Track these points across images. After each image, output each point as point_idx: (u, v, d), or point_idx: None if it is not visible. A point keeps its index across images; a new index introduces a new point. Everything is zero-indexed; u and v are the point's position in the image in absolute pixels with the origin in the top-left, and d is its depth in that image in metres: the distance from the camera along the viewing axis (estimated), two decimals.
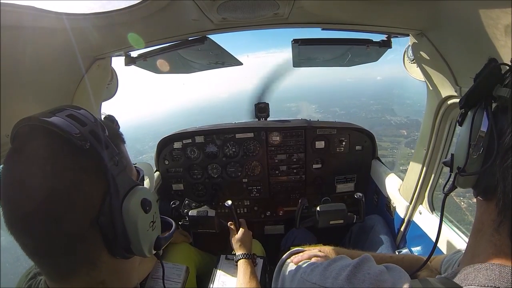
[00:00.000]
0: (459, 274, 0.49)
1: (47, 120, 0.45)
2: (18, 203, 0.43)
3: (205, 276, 1.61)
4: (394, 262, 1.00)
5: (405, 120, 28.94)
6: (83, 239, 0.46)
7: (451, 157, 0.57)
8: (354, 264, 0.55)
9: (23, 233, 0.45)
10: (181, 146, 2.05)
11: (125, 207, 0.49)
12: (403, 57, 1.47)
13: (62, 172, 0.44)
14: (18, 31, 0.72)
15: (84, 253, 0.48)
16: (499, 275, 0.43)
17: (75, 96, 1.14)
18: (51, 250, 0.45)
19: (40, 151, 0.45)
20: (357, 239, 1.78)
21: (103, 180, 0.47)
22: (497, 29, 0.71)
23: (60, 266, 0.47)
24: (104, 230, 0.47)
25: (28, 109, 0.91)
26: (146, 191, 0.54)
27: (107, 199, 0.47)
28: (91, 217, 0.46)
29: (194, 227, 1.60)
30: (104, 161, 0.47)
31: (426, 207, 1.47)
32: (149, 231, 0.53)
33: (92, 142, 0.46)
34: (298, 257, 0.87)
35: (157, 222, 0.57)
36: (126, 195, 0.50)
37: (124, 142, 0.59)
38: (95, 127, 0.48)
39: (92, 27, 0.91)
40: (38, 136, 0.46)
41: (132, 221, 0.49)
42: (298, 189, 2.16)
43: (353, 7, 0.98)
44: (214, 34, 1.20)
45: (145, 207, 0.51)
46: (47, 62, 0.93)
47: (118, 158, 0.50)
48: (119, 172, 0.49)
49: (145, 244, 0.52)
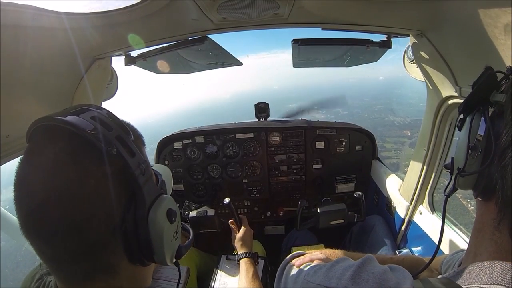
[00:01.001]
0: (461, 273, 0.49)
1: (70, 121, 0.42)
2: (35, 209, 0.41)
3: (206, 276, 1.60)
4: (394, 262, 1.00)
5: (408, 121, 28.84)
6: (104, 247, 0.44)
7: (451, 160, 0.59)
8: (358, 264, 0.55)
9: (39, 240, 0.43)
10: (181, 146, 2.04)
11: (151, 217, 0.47)
12: (403, 57, 1.47)
13: (84, 179, 0.42)
14: (18, 30, 0.72)
15: (104, 261, 0.46)
16: (501, 273, 0.44)
17: (75, 96, 1.14)
18: (70, 257, 0.43)
19: (61, 155, 0.42)
20: (358, 239, 1.78)
21: (128, 188, 0.46)
22: (496, 28, 0.71)
23: (78, 273, 0.45)
24: (126, 239, 0.45)
25: (28, 109, 0.91)
26: (171, 200, 0.53)
27: (132, 208, 0.46)
28: (113, 225, 0.44)
29: (195, 228, 1.60)
30: (131, 169, 0.45)
31: (427, 207, 1.47)
32: (173, 241, 0.53)
33: (119, 148, 0.44)
34: (300, 260, 0.87)
35: (179, 231, 0.56)
36: (152, 205, 0.48)
37: (144, 145, 0.57)
38: (121, 132, 0.46)
39: (92, 27, 0.91)
40: (60, 137, 0.43)
41: (158, 232, 0.48)
42: (298, 190, 2.16)
43: (353, 7, 0.98)
44: (214, 34, 1.20)
45: (170, 218, 0.50)
46: (47, 61, 0.92)
47: (145, 166, 0.48)
48: (145, 181, 0.47)
49: (168, 254, 0.51)
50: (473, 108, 0.52)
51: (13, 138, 0.84)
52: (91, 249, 0.43)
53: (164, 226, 0.49)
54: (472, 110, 0.53)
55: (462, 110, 0.55)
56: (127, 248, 0.46)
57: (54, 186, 0.41)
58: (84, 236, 0.42)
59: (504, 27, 0.68)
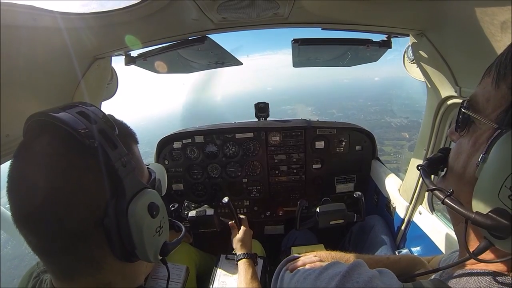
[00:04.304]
0: (452, 277, 0.50)
1: (56, 115, 0.44)
2: (23, 200, 0.43)
3: (205, 276, 1.61)
4: (391, 263, 1.00)
5: (406, 122, 28.60)
6: (86, 239, 0.45)
7: None
8: (343, 273, 0.54)
9: (27, 230, 0.44)
10: (181, 146, 2.05)
11: (131, 210, 0.47)
12: (403, 57, 1.47)
13: (67, 171, 0.43)
14: (18, 30, 0.72)
15: (87, 254, 0.47)
16: (490, 282, 0.44)
17: (75, 95, 1.14)
18: (53, 248, 0.45)
19: (46, 148, 0.44)
20: (357, 239, 1.78)
21: (110, 181, 0.46)
22: (496, 28, 0.71)
23: (63, 265, 0.47)
24: (108, 233, 0.46)
25: (28, 109, 0.91)
26: (154, 194, 0.52)
27: (113, 200, 0.46)
28: (95, 218, 0.45)
29: (195, 228, 1.60)
30: (112, 161, 0.45)
31: (426, 207, 1.47)
32: (155, 237, 0.52)
33: (100, 141, 0.45)
34: (293, 265, 0.87)
35: (164, 228, 0.55)
36: (133, 198, 0.48)
37: (137, 142, 0.57)
38: (104, 125, 0.47)
39: (92, 27, 0.91)
40: (45, 132, 0.45)
41: (138, 226, 0.48)
42: (298, 189, 2.16)
43: (353, 7, 0.98)
44: (214, 34, 1.20)
45: (152, 211, 0.50)
46: (47, 61, 0.92)
47: (127, 159, 0.48)
48: (127, 173, 0.48)
49: (151, 249, 0.51)
50: None
51: (13, 137, 0.85)
52: (73, 240, 0.44)
53: (145, 220, 0.49)
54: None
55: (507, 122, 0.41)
56: (109, 241, 0.47)
57: (39, 178, 0.42)
58: (66, 227, 0.43)
59: (501, 24, 0.68)
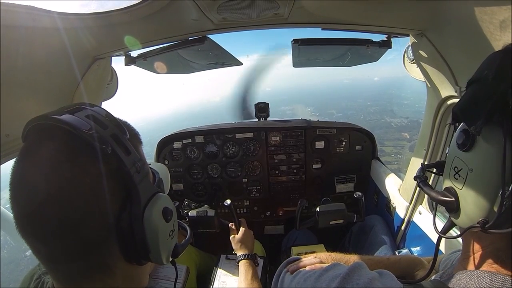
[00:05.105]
0: (453, 278, 0.50)
1: (65, 120, 0.41)
2: (31, 208, 0.40)
3: (205, 276, 1.61)
4: (391, 263, 1.00)
5: (406, 122, 28.52)
6: (100, 245, 0.44)
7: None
8: (343, 274, 0.54)
9: (35, 239, 0.42)
10: (181, 146, 2.05)
11: (147, 216, 0.47)
12: (403, 57, 1.47)
13: (80, 178, 0.41)
14: (18, 30, 0.72)
15: (100, 260, 0.46)
16: (490, 283, 0.44)
17: (74, 96, 1.14)
18: (65, 256, 0.43)
19: (56, 154, 0.42)
20: (357, 239, 1.78)
21: (124, 187, 0.45)
22: (495, 27, 0.71)
23: (74, 272, 0.45)
24: (122, 238, 0.45)
25: (28, 108, 0.92)
26: (167, 199, 0.52)
27: (127, 206, 0.45)
28: (109, 223, 0.44)
29: (194, 228, 1.60)
30: (126, 168, 0.44)
31: (426, 207, 1.47)
32: (169, 240, 0.52)
33: (114, 147, 0.43)
34: (294, 266, 0.87)
35: (175, 230, 0.56)
36: (148, 204, 0.48)
37: (141, 143, 0.57)
38: (116, 130, 0.46)
39: (92, 27, 0.91)
40: (55, 137, 0.42)
41: (153, 231, 0.47)
42: (298, 189, 2.16)
43: (353, 7, 0.98)
44: (214, 34, 1.20)
45: (166, 216, 0.50)
46: (47, 61, 0.92)
47: (140, 164, 0.48)
48: (141, 179, 0.47)
49: (164, 252, 0.51)
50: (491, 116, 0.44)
51: (13, 137, 0.85)
52: (87, 248, 0.43)
53: (160, 225, 0.49)
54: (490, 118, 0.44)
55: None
56: (123, 247, 0.46)
57: (50, 186, 0.40)
58: (79, 235, 0.42)
59: (500, 23, 0.68)
